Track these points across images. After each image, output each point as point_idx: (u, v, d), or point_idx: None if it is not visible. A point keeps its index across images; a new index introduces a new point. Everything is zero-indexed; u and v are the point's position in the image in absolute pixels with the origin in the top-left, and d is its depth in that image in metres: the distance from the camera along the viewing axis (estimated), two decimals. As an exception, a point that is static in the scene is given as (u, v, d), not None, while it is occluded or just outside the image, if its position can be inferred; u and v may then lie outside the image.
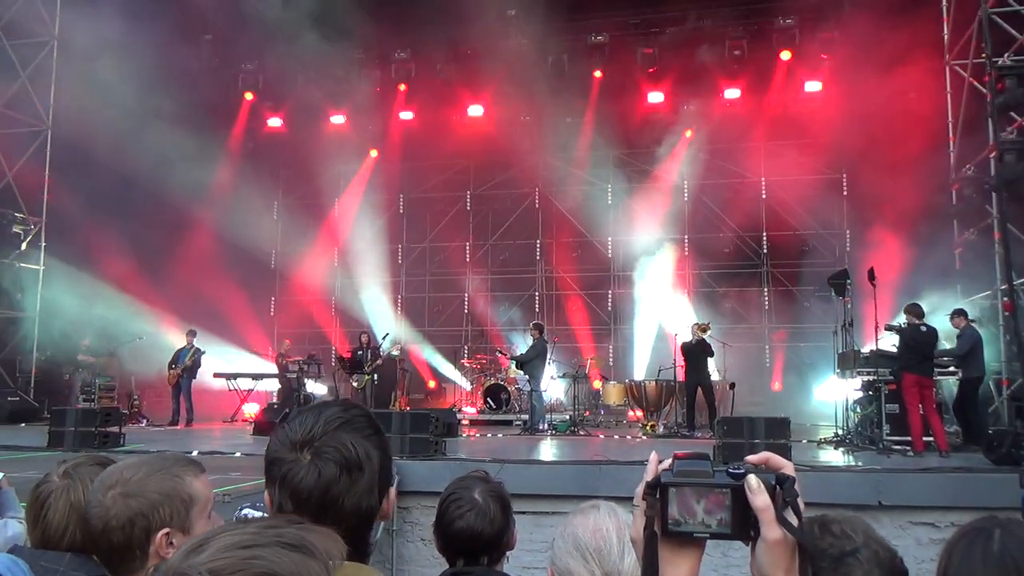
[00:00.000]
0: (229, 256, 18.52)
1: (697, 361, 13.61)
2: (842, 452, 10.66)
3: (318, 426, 1.42)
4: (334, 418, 1.44)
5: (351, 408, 1.49)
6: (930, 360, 10.56)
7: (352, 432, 1.43)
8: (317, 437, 1.41)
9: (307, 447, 1.40)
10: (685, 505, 1.12)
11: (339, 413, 1.46)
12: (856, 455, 10.19)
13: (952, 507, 7.42)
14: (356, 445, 1.42)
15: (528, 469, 8.60)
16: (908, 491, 7.68)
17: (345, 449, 1.40)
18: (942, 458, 9.62)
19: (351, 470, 1.40)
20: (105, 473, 1.83)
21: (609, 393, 16.13)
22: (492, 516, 2.39)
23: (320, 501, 1.37)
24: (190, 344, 15.32)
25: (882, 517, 7.45)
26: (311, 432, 1.41)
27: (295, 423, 1.44)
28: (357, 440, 1.42)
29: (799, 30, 17.39)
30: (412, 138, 19.80)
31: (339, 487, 1.38)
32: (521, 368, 14.73)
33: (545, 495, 8.00)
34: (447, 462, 8.84)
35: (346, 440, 1.41)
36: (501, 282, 20.74)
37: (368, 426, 1.47)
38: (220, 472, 7.33)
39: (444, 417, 10.68)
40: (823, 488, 7.55)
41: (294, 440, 1.41)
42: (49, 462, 2.29)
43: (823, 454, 10.56)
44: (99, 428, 10.18)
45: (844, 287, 12.04)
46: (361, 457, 1.41)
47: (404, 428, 9.24)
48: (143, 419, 15.61)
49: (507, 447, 11.22)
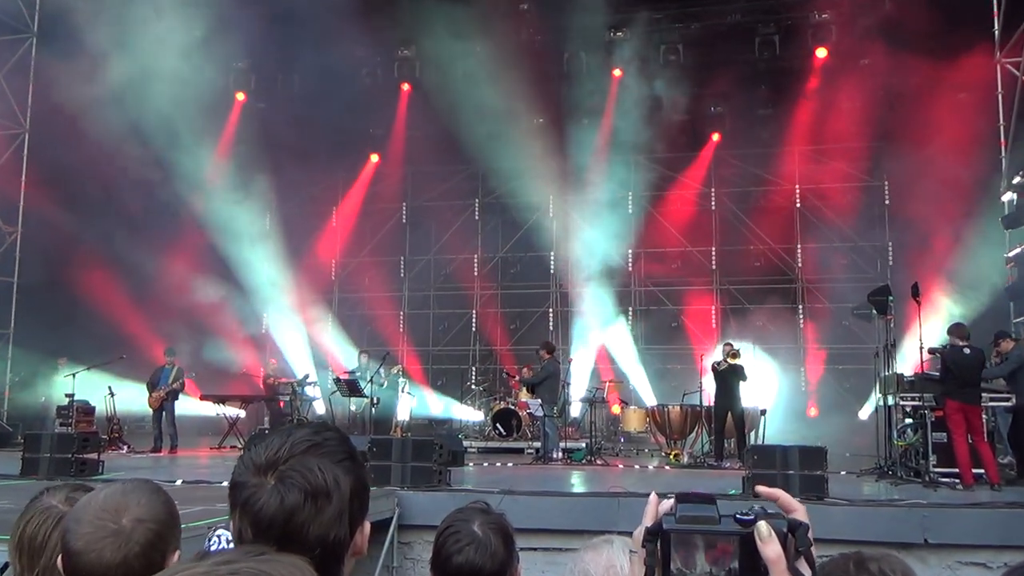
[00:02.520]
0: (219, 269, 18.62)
1: (728, 385, 13.55)
2: (885, 485, 10.58)
3: (284, 449, 1.41)
4: (302, 440, 1.43)
5: (323, 430, 1.48)
6: (975, 386, 10.46)
7: (321, 456, 1.42)
8: (282, 460, 1.40)
9: (271, 471, 1.39)
10: (688, 554, 1.09)
11: (309, 435, 1.45)
12: (900, 488, 10.10)
13: (1005, 546, 7.35)
14: (324, 470, 1.40)
15: (540, 501, 8.57)
16: (957, 528, 7.60)
17: (311, 474, 1.39)
18: (994, 492, 9.52)
19: (317, 497, 1.39)
20: (96, 501, 1.83)
21: (629, 419, 16.08)
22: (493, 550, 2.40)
23: (282, 530, 1.36)
24: (171, 363, 15.36)
25: (928, 557, 7.39)
26: (277, 455, 1.40)
27: (261, 445, 1.44)
28: (326, 465, 1.41)
29: (836, 26, 17.40)
30: (416, 141, 19.89)
31: (303, 515, 1.37)
32: (532, 392, 14.70)
33: (558, 530, 7.97)
34: (452, 493, 8.82)
35: (313, 465, 1.40)
36: (512, 297, 20.75)
37: (340, 450, 1.46)
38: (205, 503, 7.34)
39: (449, 444, 10.66)
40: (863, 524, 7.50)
41: (258, 463, 1.40)
42: (22, 491, 2.30)
43: (864, 487, 10.47)
44: (76, 455, 10.18)
45: (886, 304, 11.98)
46: (328, 484, 1.40)
47: (405, 456, 9.22)
48: (124, 445, 15.65)
49: (518, 477, 11.19)
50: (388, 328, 21.00)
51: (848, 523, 7.89)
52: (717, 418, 13.70)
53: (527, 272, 20.73)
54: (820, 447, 9.08)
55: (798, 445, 9.11)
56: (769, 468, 8.84)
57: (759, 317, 19.00)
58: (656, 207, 20.01)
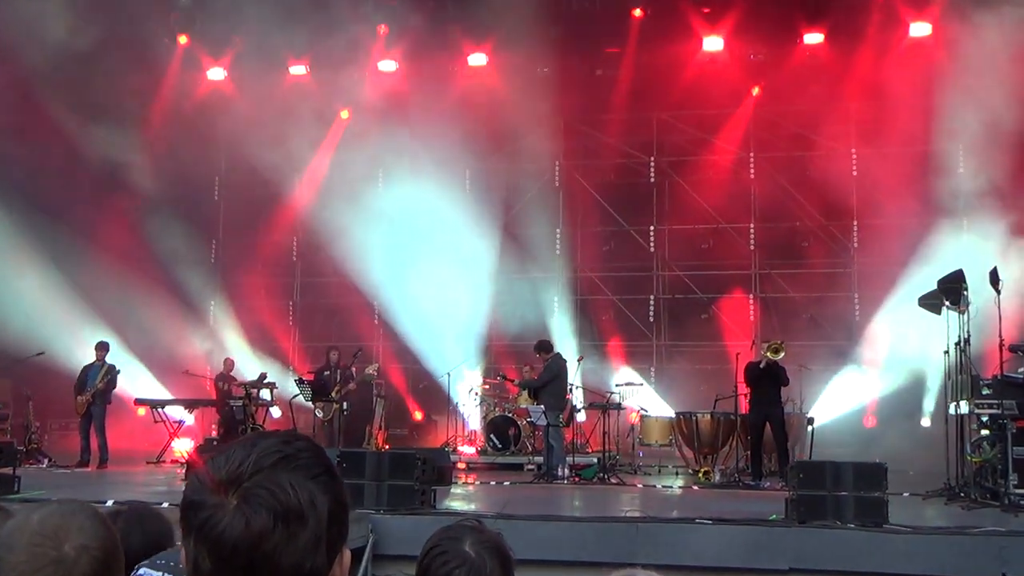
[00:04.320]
0: (158, 249, 18.60)
1: (765, 389, 13.59)
2: (955, 509, 10.61)
3: (249, 462, 1.41)
4: (270, 452, 1.43)
5: (294, 440, 1.48)
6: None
7: (293, 471, 1.42)
8: (247, 476, 1.40)
9: (233, 488, 1.39)
10: None
11: (277, 446, 1.45)
12: (973, 513, 10.13)
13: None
14: (297, 488, 1.40)
15: (544, 527, 8.60)
16: (1042, 560, 7.63)
17: (282, 493, 1.39)
18: (1087, 518, 9.57)
19: (289, 520, 1.38)
20: (30, 525, 1.82)
21: (650, 429, 16.11)
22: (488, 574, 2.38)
23: (247, 559, 1.36)
24: (101, 361, 15.37)
25: (1007, 594, 7.42)
26: (240, 469, 1.40)
27: (221, 458, 1.44)
28: (299, 481, 1.41)
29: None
30: (395, 96, 19.81)
31: (272, 541, 1.37)
32: (534, 396, 14.73)
33: (566, 561, 8.00)
34: (437, 517, 8.84)
35: (284, 481, 1.40)
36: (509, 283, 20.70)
37: (315, 464, 1.46)
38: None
39: (434, 459, 10.70)
40: (930, 556, 7.53)
41: (218, 479, 1.40)
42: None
43: (930, 511, 10.51)
44: (-13, 470, 10.23)
45: (959, 293, 11.98)
46: (303, 504, 1.40)
47: (381, 472, 9.26)
48: (44, 458, 15.68)
49: (516, 498, 11.22)
50: (361, 320, 20.97)
51: (912, 555, 7.92)
52: (754, 428, 13.73)
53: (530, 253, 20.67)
54: (879, 463, 9.11)
55: (852, 461, 9.11)
56: (817, 488, 8.86)
57: (807, 307, 19.00)
58: (683, 175, 19.99)
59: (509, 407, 16.50)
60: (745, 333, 18.44)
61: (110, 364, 15.43)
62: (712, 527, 8.69)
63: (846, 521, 8.61)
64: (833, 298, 19.05)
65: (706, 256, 19.91)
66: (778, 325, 18.04)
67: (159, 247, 18.71)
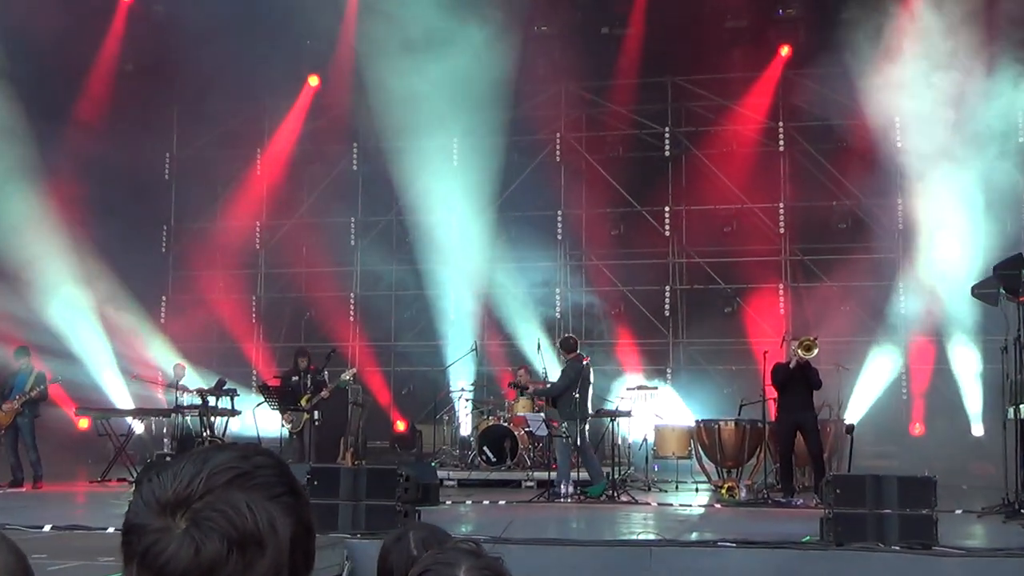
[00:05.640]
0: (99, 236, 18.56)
1: (795, 393, 13.59)
2: (1015, 528, 10.62)
3: (200, 480, 1.39)
4: (224, 468, 1.41)
5: (253, 455, 1.47)
6: None
7: (251, 490, 1.41)
8: (197, 496, 1.38)
9: (182, 511, 1.37)
10: None
11: (233, 462, 1.43)
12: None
13: None
14: (255, 509, 1.39)
15: (545, 553, 8.60)
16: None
17: (238, 515, 1.37)
18: None
19: (245, 546, 1.36)
20: None
21: (666, 440, 16.12)
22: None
23: None
24: (26, 366, 15.29)
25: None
26: (189, 488, 1.39)
27: (167, 475, 1.42)
28: (257, 502, 1.40)
29: None
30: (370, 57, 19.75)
31: (226, 571, 1.35)
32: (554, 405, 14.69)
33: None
34: (423, 542, 8.79)
35: (240, 502, 1.39)
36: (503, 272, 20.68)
37: (277, 482, 1.45)
38: (83, 556, 7.37)
39: (419, 475, 10.73)
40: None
41: (163, 499, 1.39)
42: None
43: (985, 530, 10.52)
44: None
45: (1019, 281, 11.99)
46: (261, 527, 1.38)
47: (358, 491, 9.25)
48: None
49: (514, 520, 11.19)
50: (334, 316, 20.98)
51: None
52: (783, 437, 13.73)
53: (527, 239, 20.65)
54: (927, 477, 9.10)
55: (898, 475, 9.12)
56: (857, 506, 8.84)
57: (845, 299, 18.99)
58: (702, 148, 19.98)
59: (504, 415, 16.48)
60: (775, 329, 18.40)
61: (40, 371, 15.34)
62: (736, 551, 8.68)
63: (890, 543, 8.60)
64: (875, 288, 19.03)
65: (729, 241, 19.89)
66: (812, 319, 18.03)
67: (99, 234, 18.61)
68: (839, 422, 14.96)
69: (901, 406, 18.44)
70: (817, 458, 13.63)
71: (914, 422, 18.35)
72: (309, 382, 15.92)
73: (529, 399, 16.32)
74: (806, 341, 13.85)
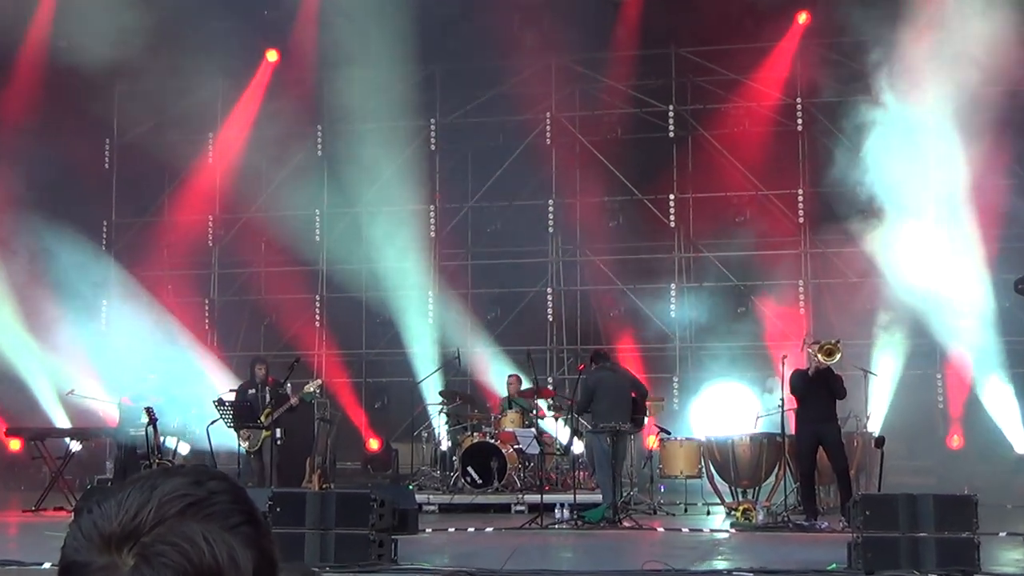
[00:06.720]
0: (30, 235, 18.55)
1: (816, 402, 13.60)
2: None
3: (149, 510, 1.37)
4: (176, 496, 1.40)
5: (207, 480, 1.45)
6: None
7: (206, 520, 1.39)
8: (146, 528, 1.36)
9: (129, 545, 1.35)
10: None
11: (185, 488, 1.41)
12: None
13: None
14: (212, 542, 1.36)
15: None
16: None
17: (193, 549, 1.35)
18: None
19: None
20: None
21: (673, 457, 16.14)
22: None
23: None
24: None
25: None
26: (137, 520, 1.37)
27: (111, 504, 1.40)
28: (214, 533, 1.37)
29: None
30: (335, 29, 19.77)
31: None
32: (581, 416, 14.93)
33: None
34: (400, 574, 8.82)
35: (195, 534, 1.36)
36: (491, 270, 20.75)
37: (234, 510, 1.43)
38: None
39: (395, 499, 10.71)
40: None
41: (107, 533, 1.37)
42: None
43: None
44: None
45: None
46: (221, 562, 1.36)
47: (327, 518, 9.30)
48: None
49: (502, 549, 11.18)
50: (297, 321, 20.97)
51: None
52: (803, 452, 13.73)
53: (515, 231, 20.71)
54: (967, 496, 9.14)
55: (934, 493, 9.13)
56: (889, 529, 8.90)
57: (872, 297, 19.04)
58: (711, 128, 20.02)
59: (491, 431, 16.45)
60: (794, 331, 18.47)
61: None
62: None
63: (926, 570, 8.63)
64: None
65: (742, 232, 19.98)
66: (835, 318, 18.05)
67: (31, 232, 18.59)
68: (867, 434, 14.99)
69: (937, 416, 18.50)
70: (842, 475, 13.63)
71: (952, 434, 18.40)
72: (268, 396, 15.87)
73: (519, 413, 16.34)
74: (827, 345, 13.82)
